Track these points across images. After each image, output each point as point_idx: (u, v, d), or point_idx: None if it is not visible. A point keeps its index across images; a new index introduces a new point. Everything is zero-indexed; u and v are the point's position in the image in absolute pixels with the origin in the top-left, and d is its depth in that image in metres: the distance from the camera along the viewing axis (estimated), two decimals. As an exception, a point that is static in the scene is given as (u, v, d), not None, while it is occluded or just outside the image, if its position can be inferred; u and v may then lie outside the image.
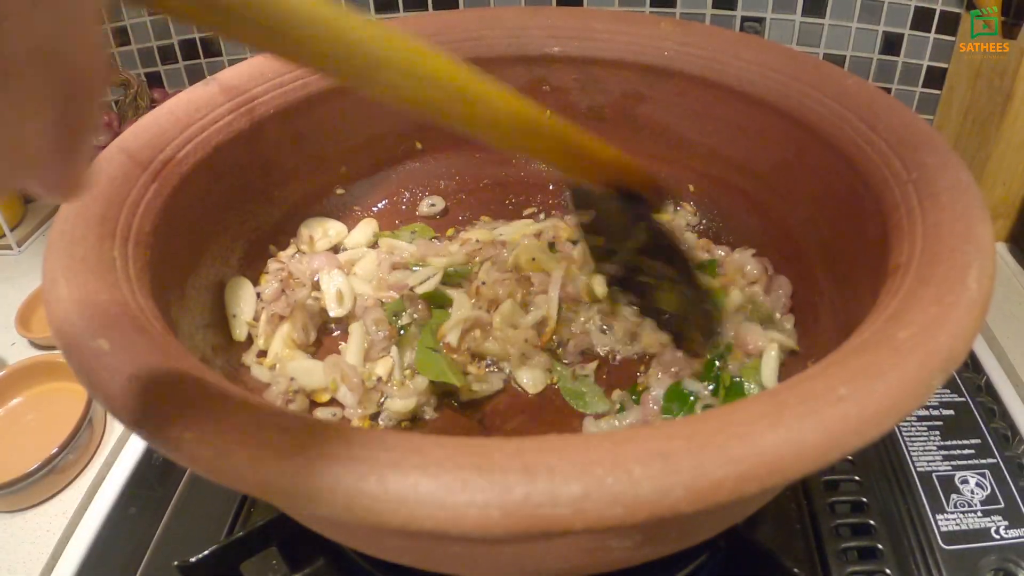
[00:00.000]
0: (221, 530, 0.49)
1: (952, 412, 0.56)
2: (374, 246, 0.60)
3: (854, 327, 0.33)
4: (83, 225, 0.37)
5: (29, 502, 0.53)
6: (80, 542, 0.51)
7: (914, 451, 0.53)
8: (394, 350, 0.50)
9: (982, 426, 0.55)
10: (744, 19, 0.79)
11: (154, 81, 0.89)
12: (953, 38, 0.75)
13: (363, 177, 0.62)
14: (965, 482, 0.51)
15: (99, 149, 0.44)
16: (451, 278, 0.54)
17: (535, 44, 0.58)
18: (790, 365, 0.48)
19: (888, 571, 0.46)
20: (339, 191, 0.61)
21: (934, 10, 0.75)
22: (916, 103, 0.81)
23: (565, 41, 0.58)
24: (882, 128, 0.42)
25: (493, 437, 0.45)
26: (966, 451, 0.53)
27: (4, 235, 0.80)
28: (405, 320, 0.52)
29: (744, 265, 0.53)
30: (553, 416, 0.48)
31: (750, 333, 0.48)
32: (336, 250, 0.59)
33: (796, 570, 0.41)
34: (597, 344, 0.51)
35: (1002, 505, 0.49)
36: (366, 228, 0.60)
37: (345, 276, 0.55)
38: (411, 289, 0.53)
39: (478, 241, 0.57)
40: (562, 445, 0.24)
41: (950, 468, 0.52)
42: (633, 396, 0.48)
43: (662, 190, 0.49)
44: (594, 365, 0.50)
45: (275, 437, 0.25)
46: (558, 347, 0.51)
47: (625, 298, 0.52)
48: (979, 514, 0.49)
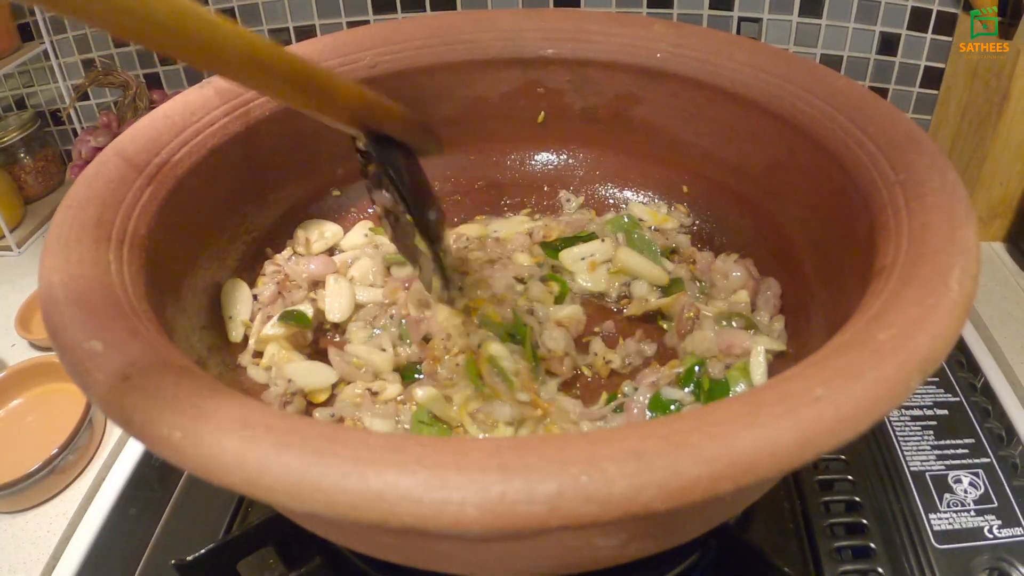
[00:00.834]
0: (219, 529, 0.50)
1: (946, 412, 0.56)
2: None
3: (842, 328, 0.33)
4: (79, 228, 0.38)
5: (30, 503, 0.54)
6: (80, 542, 0.52)
7: (908, 450, 0.53)
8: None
9: (976, 426, 0.55)
10: (741, 20, 0.79)
11: (153, 82, 0.89)
12: (950, 38, 0.76)
13: (359, 179, 0.62)
14: (958, 481, 0.51)
15: (97, 151, 0.44)
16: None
17: (530, 46, 0.59)
18: (781, 366, 0.48)
19: (881, 570, 0.46)
20: (335, 193, 0.62)
21: (931, 10, 0.75)
22: (913, 103, 0.81)
23: (559, 43, 0.58)
24: (872, 129, 0.43)
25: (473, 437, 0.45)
26: (960, 451, 0.53)
27: (4, 236, 0.80)
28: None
29: (729, 272, 0.52)
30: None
31: (735, 337, 0.48)
32: (332, 252, 0.59)
33: (787, 569, 0.41)
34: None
35: (995, 504, 0.49)
36: (362, 230, 0.60)
37: (350, 288, 0.54)
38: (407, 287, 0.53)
39: (468, 239, 0.58)
40: (539, 444, 0.24)
41: (944, 468, 0.52)
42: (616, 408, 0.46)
43: (429, 132, 0.43)
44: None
45: (260, 435, 0.25)
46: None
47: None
48: (972, 513, 0.49)
